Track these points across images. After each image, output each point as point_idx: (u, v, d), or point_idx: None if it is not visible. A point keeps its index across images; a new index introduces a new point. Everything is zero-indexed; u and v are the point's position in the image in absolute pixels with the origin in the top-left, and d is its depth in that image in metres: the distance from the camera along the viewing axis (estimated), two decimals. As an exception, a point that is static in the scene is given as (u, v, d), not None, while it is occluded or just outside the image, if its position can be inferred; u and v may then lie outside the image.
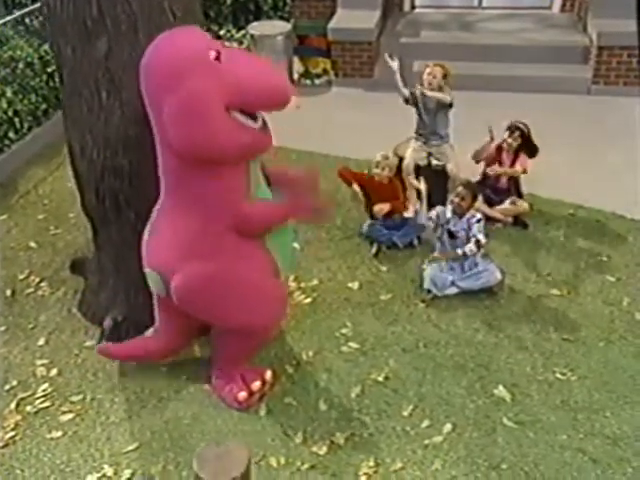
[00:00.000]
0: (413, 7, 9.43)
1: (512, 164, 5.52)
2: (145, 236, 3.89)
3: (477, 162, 5.62)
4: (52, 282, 5.21)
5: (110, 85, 4.06)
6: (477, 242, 4.69)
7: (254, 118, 3.54)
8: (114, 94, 4.08)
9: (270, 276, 3.84)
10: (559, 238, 5.40)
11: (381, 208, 5.34)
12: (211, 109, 3.29)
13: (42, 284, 5.20)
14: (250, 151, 3.54)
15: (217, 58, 3.33)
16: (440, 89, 5.60)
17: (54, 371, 4.41)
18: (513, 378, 4.18)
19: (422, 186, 5.61)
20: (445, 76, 5.52)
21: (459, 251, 4.73)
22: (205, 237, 3.59)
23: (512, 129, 5.46)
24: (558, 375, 4.18)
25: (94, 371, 4.40)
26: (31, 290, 5.15)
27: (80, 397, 4.22)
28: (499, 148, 5.53)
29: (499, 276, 4.81)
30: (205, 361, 4.30)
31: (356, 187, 5.39)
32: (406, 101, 5.75)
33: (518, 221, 5.52)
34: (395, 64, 5.74)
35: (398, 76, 5.71)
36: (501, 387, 4.11)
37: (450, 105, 5.54)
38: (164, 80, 3.33)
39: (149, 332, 4.18)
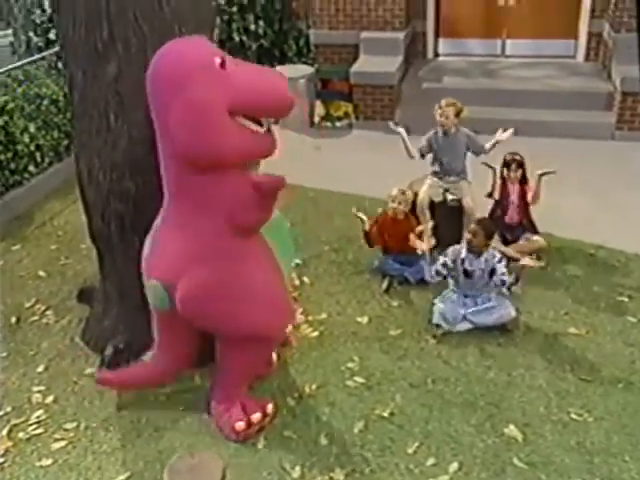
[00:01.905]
0: (436, 55, 9.47)
1: (521, 197, 5.43)
2: (145, 251, 3.84)
3: (489, 197, 5.55)
4: (58, 310, 5.15)
5: (119, 108, 4.06)
6: (503, 282, 4.61)
7: (259, 122, 3.53)
8: (122, 117, 4.07)
9: (276, 279, 3.80)
10: (578, 277, 5.21)
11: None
12: (215, 114, 3.31)
13: (47, 312, 5.14)
14: (253, 154, 3.56)
15: (222, 65, 3.37)
16: (455, 127, 5.54)
17: (50, 398, 4.30)
18: (525, 417, 3.95)
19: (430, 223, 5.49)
20: (458, 114, 5.46)
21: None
22: (209, 242, 3.57)
23: (508, 163, 5.40)
24: (573, 416, 3.95)
25: (91, 399, 4.28)
26: (36, 318, 5.08)
27: (74, 425, 4.09)
28: (504, 185, 5.48)
29: (513, 313, 4.63)
30: (205, 391, 4.15)
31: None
32: (422, 156, 5.69)
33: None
34: (402, 130, 5.69)
35: (407, 142, 5.66)
36: (512, 426, 3.89)
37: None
38: (169, 86, 3.36)
39: (146, 356, 4.06)
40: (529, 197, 5.43)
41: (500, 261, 4.62)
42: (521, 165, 5.41)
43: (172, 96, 3.34)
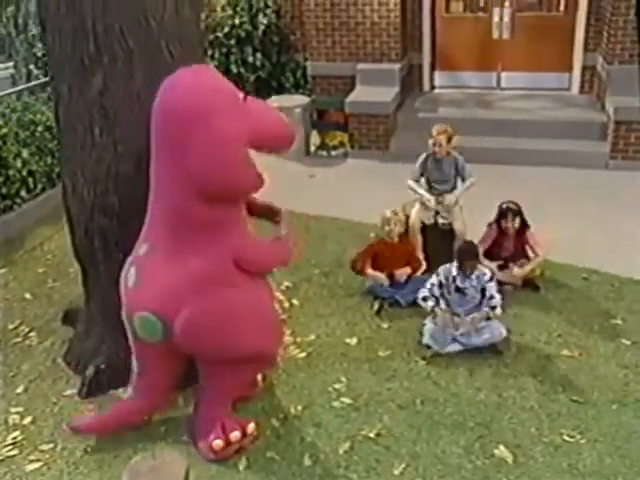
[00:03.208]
0: (433, 87, 9.52)
1: (518, 244, 5.32)
2: (128, 284, 3.74)
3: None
4: (41, 332, 5.06)
5: (104, 122, 4.03)
6: (493, 307, 4.55)
7: None
8: (107, 131, 4.05)
9: (270, 301, 3.87)
10: (572, 301, 5.12)
11: (401, 273, 5.19)
12: (238, 147, 3.39)
13: (31, 334, 5.06)
14: (256, 188, 3.64)
15: (244, 99, 3.48)
16: (449, 154, 5.52)
17: (28, 419, 4.19)
18: (516, 439, 3.83)
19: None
20: (450, 140, 5.44)
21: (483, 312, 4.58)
22: (212, 271, 3.55)
23: (504, 214, 5.24)
24: (565, 437, 3.82)
25: (70, 420, 4.14)
26: (19, 340, 5.00)
27: (50, 446, 3.97)
28: (500, 231, 5.33)
29: (504, 332, 4.53)
30: (187, 413, 4.04)
31: (371, 272, 5.24)
32: (416, 181, 5.65)
33: (528, 283, 5.26)
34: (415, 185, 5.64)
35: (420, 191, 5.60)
36: (502, 447, 3.76)
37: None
38: (191, 116, 3.32)
39: (126, 395, 4.01)
40: (534, 250, 5.29)
41: (490, 280, 4.55)
42: (517, 213, 5.25)
43: (194, 125, 3.30)
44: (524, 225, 5.29)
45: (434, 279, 4.70)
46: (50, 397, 4.36)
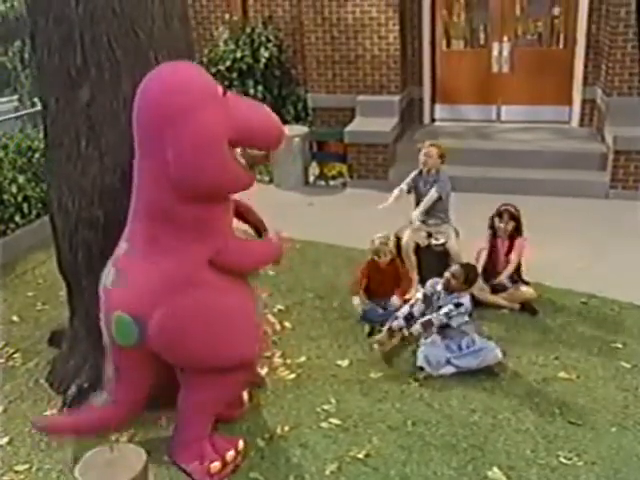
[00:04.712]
0: (433, 120, 9.52)
1: (508, 251, 5.25)
2: (107, 284, 3.61)
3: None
4: (26, 354, 4.95)
5: (90, 134, 3.98)
6: (427, 322, 4.42)
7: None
8: (94, 143, 3.99)
9: (251, 308, 3.67)
10: (570, 324, 4.98)
11: (394, 300, 5.10)
12: (221, 143, 3.24)
13: (15, 355, 4.95)
14: (241, 186, 3.48)
15: (224, 94, 3.33)
16: (437, 170, 5.48)
17: (4, 440, 4.06)
18: (510, 460, 3.66)
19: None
20: (441, 156, 5.39)
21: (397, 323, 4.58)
22: (191, 271, 3.43)
23: (500, 214, 5.23)
24: (562, 459, 3.65)
25: (48, 441, 4.02)
26: (2, 361, 4.89)
27: (26, 467, 3.83)
28: (493, 236, 5.29)
29: (499, 355, 4.40)
30: (169, 433, 3.88)
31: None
32: (408, 191, 5.61)
33: (526, 307, 5.14)
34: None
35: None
36: (496, 469, 3.59)
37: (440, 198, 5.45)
38: (171, 112, 3.18)
39: (100, 400, 3.81)
40: (512, 255, 5.23)
41: (457, 305, 4.40)
42: (514, 218, 5.22)
43: (173, 122, 3.17)
44: (518, 233, 5.22)
45: (419, 293, 4.65)
46: (29, 417, 4.21)
